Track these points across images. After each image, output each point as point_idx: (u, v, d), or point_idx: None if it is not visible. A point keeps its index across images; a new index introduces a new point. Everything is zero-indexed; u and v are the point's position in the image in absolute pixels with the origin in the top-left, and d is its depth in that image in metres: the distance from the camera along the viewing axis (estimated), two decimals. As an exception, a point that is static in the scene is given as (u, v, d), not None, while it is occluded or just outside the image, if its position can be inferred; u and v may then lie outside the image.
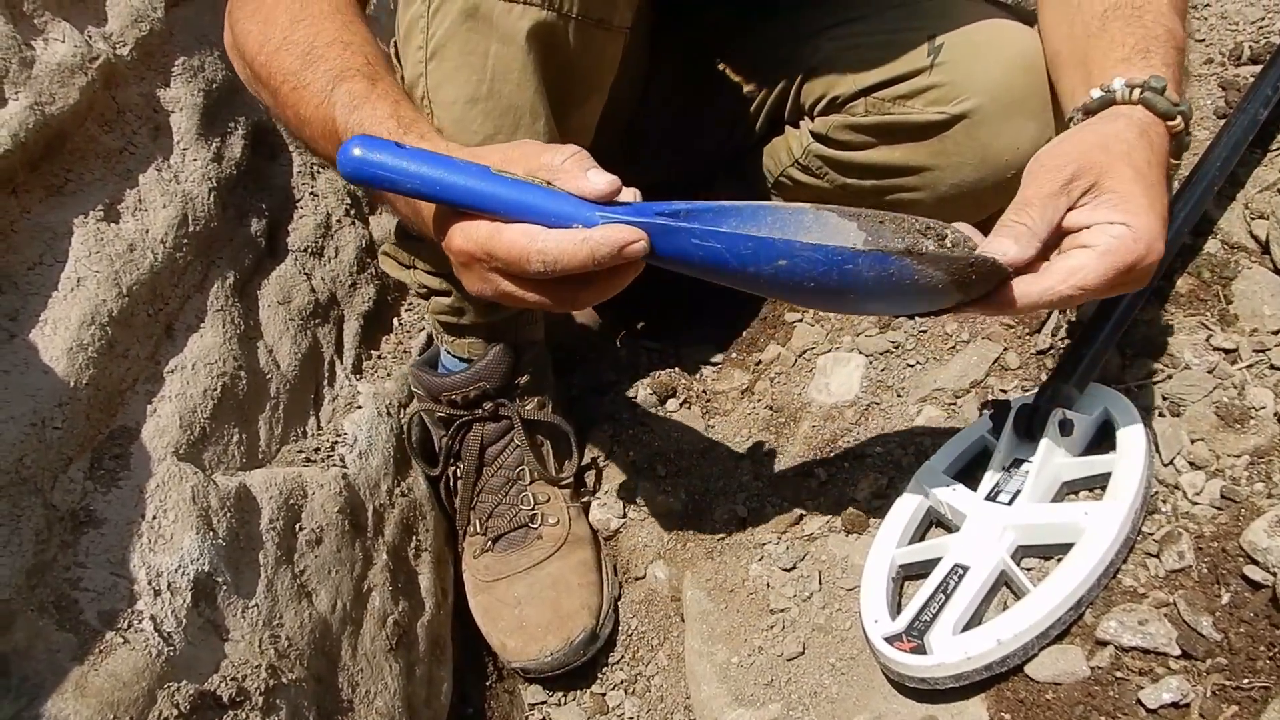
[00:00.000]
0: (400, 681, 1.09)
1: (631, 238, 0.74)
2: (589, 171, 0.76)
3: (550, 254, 0.74)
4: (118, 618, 0.79)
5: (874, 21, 1.28)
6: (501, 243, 0.75)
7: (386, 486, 1.20)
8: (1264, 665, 0.81)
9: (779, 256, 0.77)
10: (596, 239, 0.73)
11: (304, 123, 0.90)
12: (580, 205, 0.75)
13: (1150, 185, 0.84)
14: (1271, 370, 1.04)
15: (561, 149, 0.78)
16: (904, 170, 1.25)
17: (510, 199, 0.75)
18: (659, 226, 0.76)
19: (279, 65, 0.91)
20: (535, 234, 0.74)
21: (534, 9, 0.93)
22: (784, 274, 0.78)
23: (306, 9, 0.93)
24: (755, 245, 0.77)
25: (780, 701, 1.01)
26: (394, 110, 0.85)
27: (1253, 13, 1.58)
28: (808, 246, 0.77)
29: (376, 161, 0.75)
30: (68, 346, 0.88)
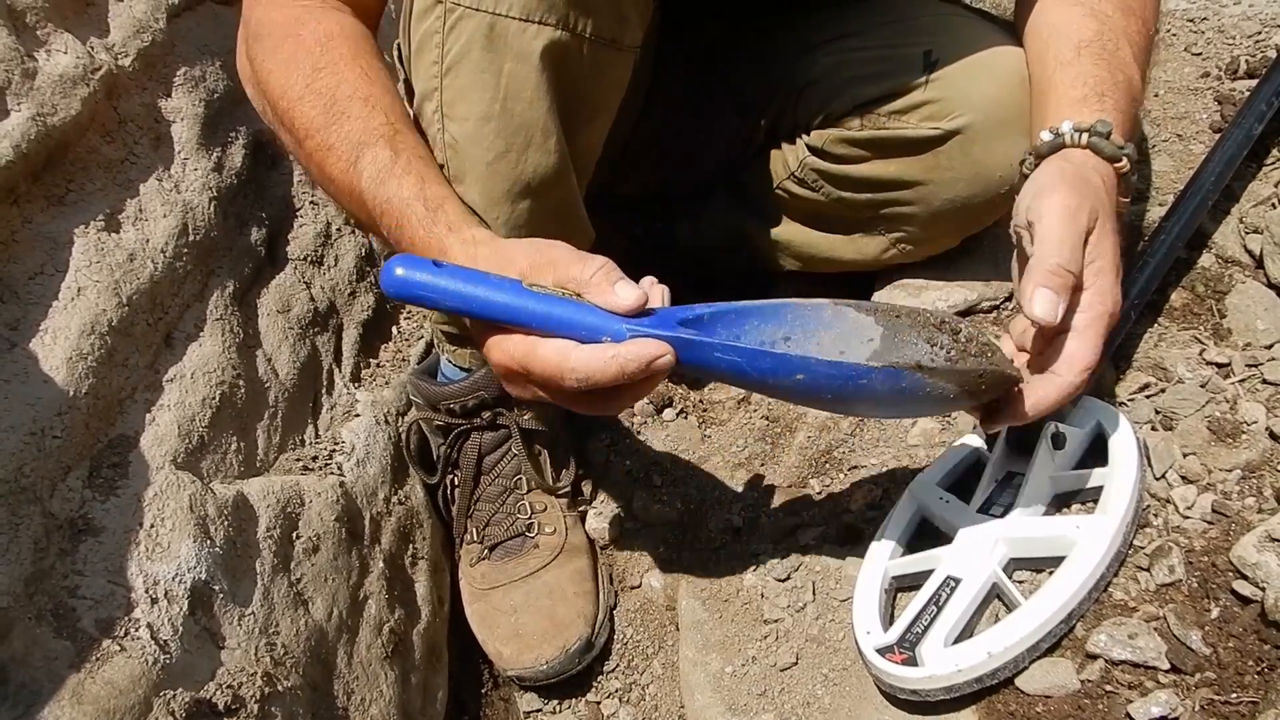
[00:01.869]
0: (396, 689, 1.09)
1: (658, 353, 0.79)
2: (616, 285, 0.80)
3: (582, 372, 0.79)
4: (115, 626, 0.80)
5: (870, 37, 1.29)
6: (537, 360, 0.80)
7: (384, 494, 1.21)
8: (1252, 680, 0.82)
9: (797, 371, 0.82)
10: (626, 356, 0.78)
11: (329, 180, 0.95)
12: (608, 318, 0.80)
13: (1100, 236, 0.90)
14: (1264, 385, 1.05)
15: (590, 262, 0.82)
16: (898, 184, 1.26)
17: (543, 315, 0.80)
18: (683, 340, 0.80)
19: (302, 116, 0.94)
20: (568, 352, 0.79)
21: (548, 29, 0.94)
22: (801, 386, 0.83)
23: (328, 54, 0.95)
24: (774, 361, 0.82)
25: (773, 711, 1.01)
26: (419, 189, 0.90)
27: (1249, 27, 1.59)
28: (824, 363, 0.81)
29: (418, 282, 0.81)
30: (67, 356, 0.89)
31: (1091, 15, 1.05)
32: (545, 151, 0.98)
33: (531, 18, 0.93)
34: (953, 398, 0.84)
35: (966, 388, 0.83)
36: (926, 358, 0.84)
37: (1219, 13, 1.65)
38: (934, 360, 0.83)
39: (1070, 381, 0.87)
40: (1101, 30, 1.03)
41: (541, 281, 0.82)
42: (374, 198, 0.91)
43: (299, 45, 0.96)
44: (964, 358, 0.84)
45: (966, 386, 0.83)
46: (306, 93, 0.94)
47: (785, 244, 1.44)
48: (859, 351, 0.86)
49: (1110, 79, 1.00)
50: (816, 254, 1.41)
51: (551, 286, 0.81)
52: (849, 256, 1.37)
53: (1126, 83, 1.01)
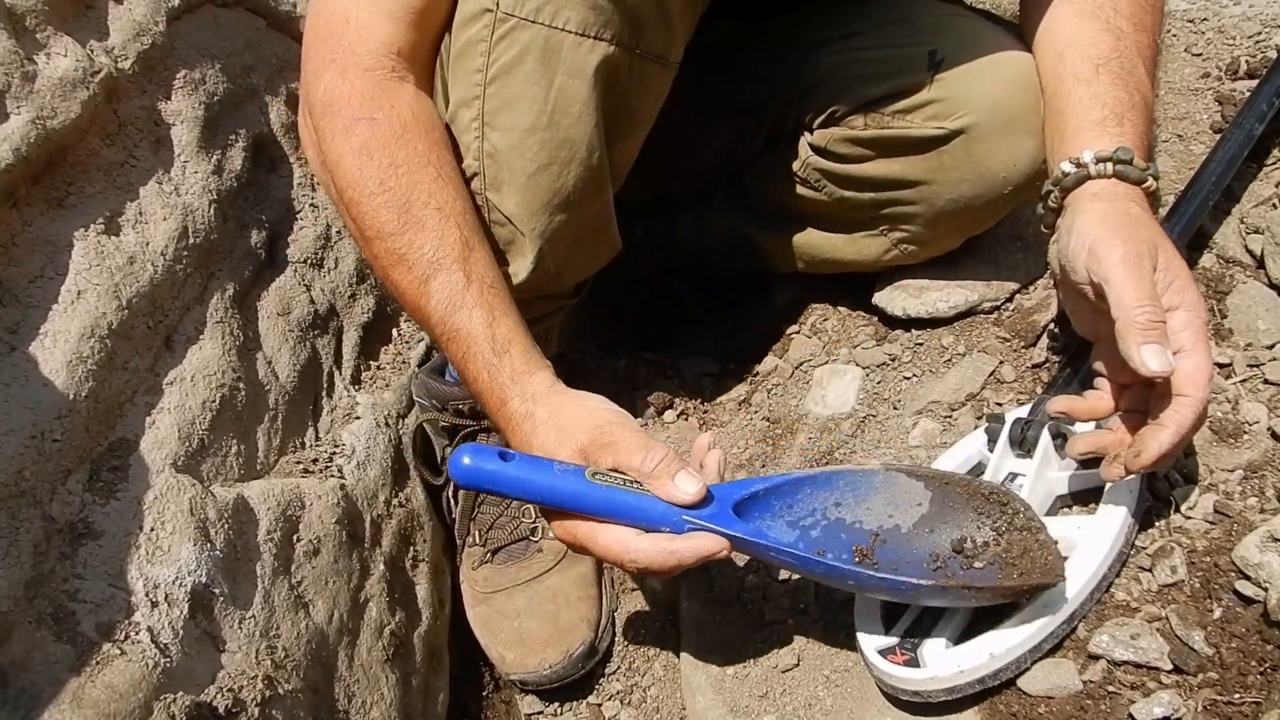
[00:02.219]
0: (397, 692, 1.09)
1: (715, 549, 0.86)
2: (677, 478, 0.86)
3: (642, 562, 0.86)
4: (115, 629, 0.80)
5: (874, 36, 1.29)
6: (599, 545, 0.88)
7: (384, 497, 1.21)
8: (1255, 680, 0.82)
9: (849, 579, 0.89)
10: (684, 551, 0.85)
11: (395, 288, 0.97)
12: (669, 510, 0.86)
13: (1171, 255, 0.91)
14: (1265, 385, 1.04)
15: (653, 452, 0.87)
16: (902, 184, 1.26)
17: (606, 505, 0.87)
18: (740, 541, 0.87)
19: (374, 217, 0.95)
20: (628, 544, 0.86)
21: (603, 44, 0.94)
22: (849, 588, 0.92)
23: (404, 148, 0.95)
24: (827, 569, 0.88)
25: (775, 713, 1.01)
26: (488, 327, 0.93)
27: (1249, 28, 1.59)
28: (876, 578, 0.87)
29: (486, 473, 0.88)
30: (68, 359, 0.89)
31: (1108, 30, 1.05)
32: (587, 166, 0.99)
33: (588, 33, 0.94)
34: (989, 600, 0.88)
35: (1009, 597, 0.88)
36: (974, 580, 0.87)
37: (1219, 13, 1.65)
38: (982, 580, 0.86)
39: (1200, 398, 0.86)
40: (1118, 47, 1.03)
41: (601, 464, 0.88)
42: (443, 323, 0.94)
43: (374, 133, 0.95)
44: (1009, 530, 0.89)
45: (1009, 596, 0.88)
46: (379, 190, 0.94)
47: (787, 245, 1.43)
48: (908, 517, 0.92)
49: (1129, 99, 1.00)
50: (818, 255, 1.41)
51: (611, 474, 0.87)
52: (850, 257, 1.37)
53: (1144, 103, 1.01)
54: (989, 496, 0.92)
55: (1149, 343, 0.85)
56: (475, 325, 0.93)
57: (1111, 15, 1.05)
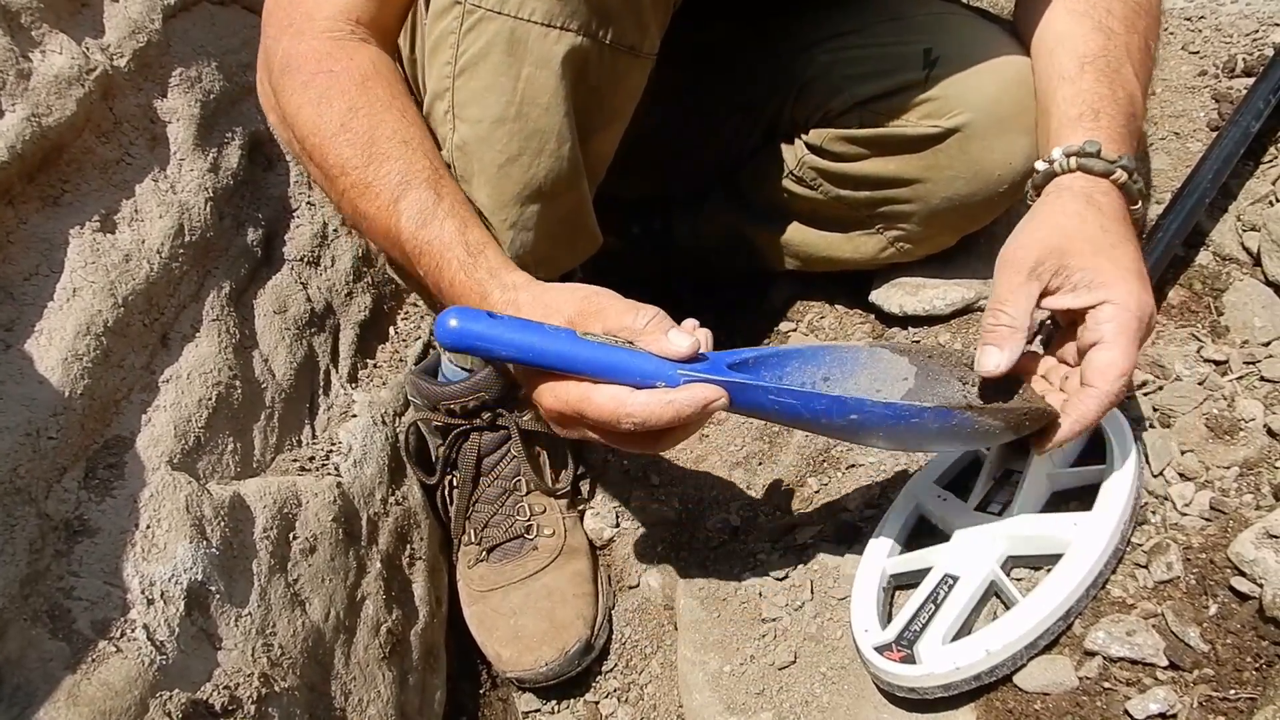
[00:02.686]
0: (393, 690, 1.09)
1: (713, 396, 0.82)
2: (670, 333, 0.83)
3: (639, 416, 0.81)
4: (111, 627, 0.80)
5: (869, 35, 1.29)
6: (592, 406, 0.82)
7: (381, 495, 1.21)
8: (1250, 676, 0.82)
9: (851, 412, 0.85)
10: (682, 400, 0.81)
11: (362, 217, 0.95)
12: (662, 364, 0.82)
13: (1111, 247, 0.91)
14: (1262, 382, 1.04)
15: (643, 311, 0.84)
16: (897, 182, 1.26)
17: (598, 363, 0.82)
18: (737, 385, 0.83)
19: (337, 155, 0.94)
20: (623, 399, 0.81)
21: (570, 34, 0.94)
22: (854, 426, 0.86)
23: (365, 94, 0.95)
24: (829, 403, 0.85)
25: (771, 710, 1.01)
26: (461, 233, 0.91)
27: (1247, 25, 1.59)
28: (878, 404, 0.85)
29: (473, 332, 0.83)
30: (63, 356, 0.89)
31: (1098, 30, 1.05)
32: (558, 158, 0.99)
33: (554, 23, 0.93)
34: (998, 433, 0.87)
35: (1011, 424, 0.87)
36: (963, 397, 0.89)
37: (1216, 11, 1.65)
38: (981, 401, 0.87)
39: (1107, 391, 0.87)
40: (1107, 46, 1.04)
41: (592, 330, 0.84)
42: (413, 238, 0.91)
43: (332, 82, 0.95)
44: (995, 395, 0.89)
45: (1011, 424, 0.87)
46: (341, 131, 0.94)
47: (783, 243, 1.43)
48: (895, 390, 0.91)
49: (1110, 95, 1.00)
50: (814, 253, 1.41)
51: (603, 335, 0.84)
52: (847, 255, 1.37)
53: (1127, 99, 1.01)
54: (971, 365, 0.92)
55: (985, 344, 0.89)
56: (447, 233, 0.91)
57: (1104, 16, 1.05)
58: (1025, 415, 0.87)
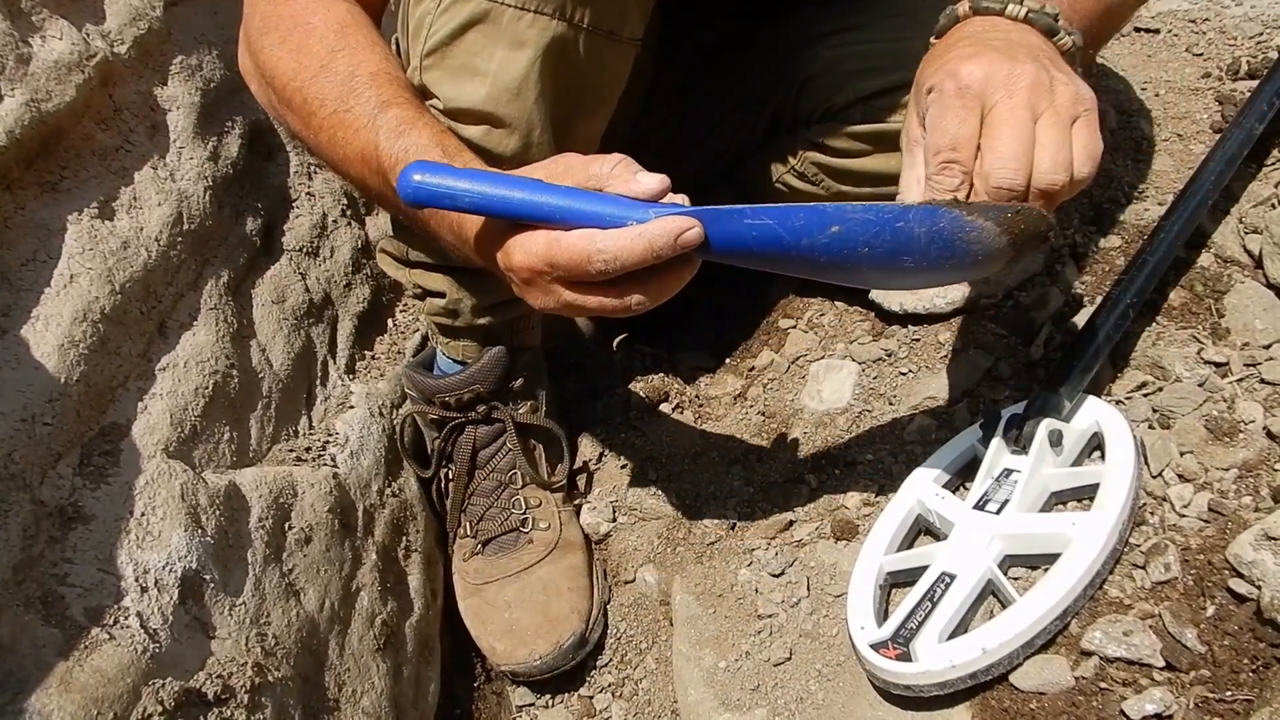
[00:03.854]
0: (387, 681, 1.09)
1: (686, 225, 0.76)
2: (638, 174, 0.78)
3: (609, 251, 0.76)
4: (104, 614, 0.80)
5: (872, 30, 1.29)
6: (562, 249, 0.77)
7: (377, 487, 1.20)
8: (1247, 678, 0.81)
9: (832, 223, 0.77)
10: (653, 231, 0.75)
11: (338, 144, 0.92)
12: (633, 205, 0.77)
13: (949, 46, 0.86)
14: (1262, 384, 1.04)
15: (607, 158, 0.80)
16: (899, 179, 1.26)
17: (568, 206, 0.78)
18: (711, 213, 0.78)
19: (316, 91, 0.92)
20: (593, 235, 0.76)
21: (544, 18, 0.93)
22: (838, 242, 0.78)
23: (345, 39, 0.94)
24: (808, 215, 0.77)
25: (766, 706, 1.01)
26: (439, 139, 0.88)
27: (1251, 28, 1.58)
28: (859, 208, 0.77)
29: (436, 183, 0.79)
30: (59, 343, 0.88)
31: None
32: (527, 144, 0.98)
33: (528, 6, 0.92)
34: (992, 240, 0.80)
35: (1005, 226, 0.79)
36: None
37: (1220, 14, 1.65)
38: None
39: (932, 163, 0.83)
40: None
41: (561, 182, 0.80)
42: (389, 148, 0.89)
43: (311, 33, 0.95)
44: None
45: (1005, 225, 0.79)
46: (322, 71, 0.93)
47: (784, 239, 1.43)
48: None
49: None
50: (815, 249, 1.41)
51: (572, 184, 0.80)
52: (847, 252, 1.37)
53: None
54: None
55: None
56: (425, 138, 0.88)
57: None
58: (1019, 215, 0.79)
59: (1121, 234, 1.29)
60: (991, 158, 0.80)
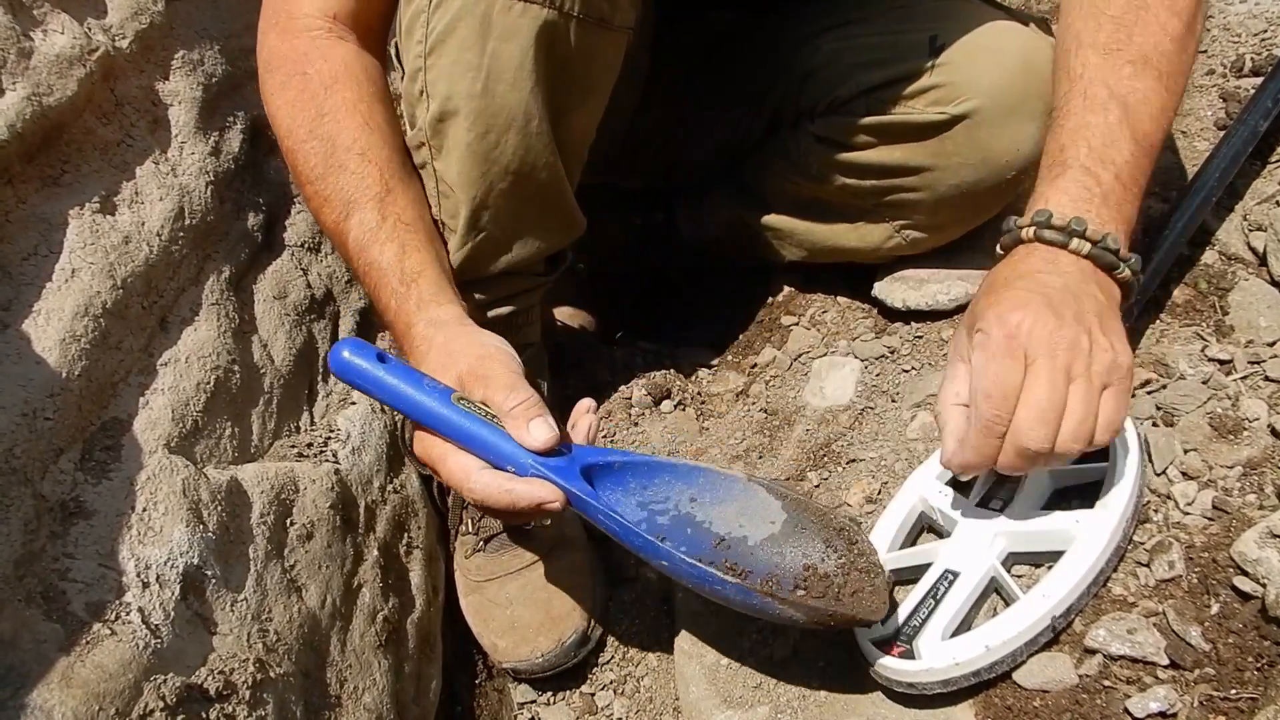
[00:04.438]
0: (389, 678, 1.08)
1: (549, 498, 0.85)
2: (532, 423, 0.86)
3: (478, 495, 0.86)
4: (105, 609, 0.79)
5: (875, 23, 1.29)
6: (445, 469, 0.89)
7: (379, 483, 1.20)
8: (1252, 676, 0.81)
9: (662, 559, 0.88)
10: (519, 493, 0.85)
11: (323, 227, 1.03)
12: (518, 450, 0.86)
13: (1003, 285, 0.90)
14: (1266, 382, 1.04)
15: (517, 393, 0.88)
16: (904, 170, 1.26)
17: (460, 432, 0.88)
18: (573, 494, 0.87)
19: (304, 162, 1.00)
20: (470, 474, 0.87)
21: (535, 7, 0.93)
22: (665, 570, 0.89)
23: (331, 99, 1.00)
24: (643, 544, 0.88)
25: (769, 704, 1.00)
26: (399, 260, 0.97)
27: (1255, 25, 1.58)
28: (685, 562, 0.86)
29: (360, 370, 0.90)
30: (61, 337, 0.88)
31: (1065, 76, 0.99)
32: (526, 134, 0.98)
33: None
34: (800, 623, 0.89)
35: (813, 620, 0.87)
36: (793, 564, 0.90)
37: (1225, 11, 1.64)
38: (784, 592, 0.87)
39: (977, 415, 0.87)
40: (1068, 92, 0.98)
41: (471, 395, 0.89)
42: (358, 257, 0.98)
43: (305, 86, 1.00)
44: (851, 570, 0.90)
45: (814, 619, 0.87)
46: (309, 138, 0.99)
47: (788, 233, 1.43)
48: (759, 532, 0.92)
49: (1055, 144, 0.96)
50: (820, 243, 1.41)
51: (478, 404, 0.88)
52: (852, 245, 1.37)
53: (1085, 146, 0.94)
54: (840, 532, 0.93)
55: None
56: (386, 258, 0.96)
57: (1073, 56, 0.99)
58: (830, 618, 0.87)
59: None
60: (1025, 415, 0.84)
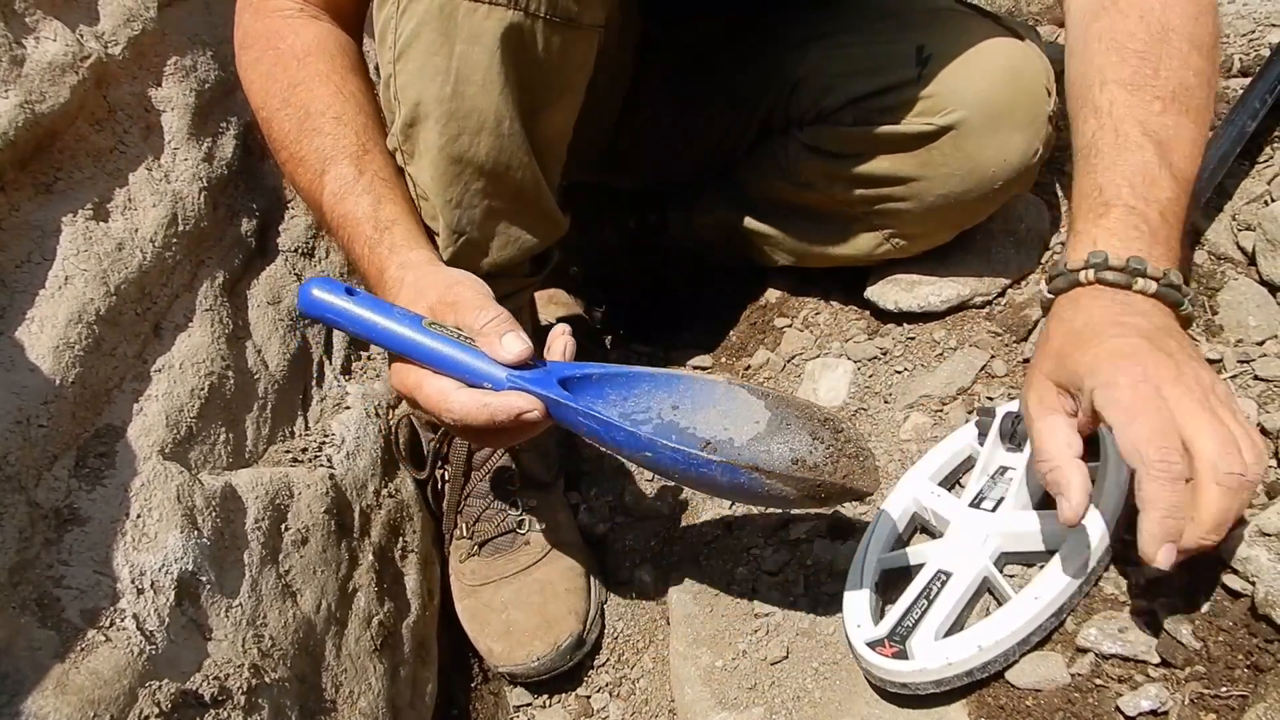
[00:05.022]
0: (384, 682, 1.09)
1: (527, 407, 0.84)
2: (504, 337, 0.85)
3: (457, 413, 0.85)
4: (100, 616, 0.79)
5: (863, 33, 1.29)
6: (422, 395, 0.87)
7: (374, 487, 1.20)
8: (1242, 674, 0.82)
9: (645, 449, 0.86)
10: (496, 406, 0.84)
11: (298, 189, 1.03)
12: (493, 366, 0.85)
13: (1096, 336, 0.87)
14: (1256, 381, 1.05)
15: (487, 311, 0.87)
16: (892, 180, 1.26)
17: (434, 354, 0.86)
18: (551, 400, 0.85)
19: (278, 127, 1.01)
20: (448, 393, 0.85)
21: (500, 9, 0.93)
22: (649, 462, 0.87)
23: (304, 70, 1.01)
24: (626, 436, 0.86)
25: (763, 705, 1.01)
26: (374, 209, 0.96)
27: (1243, 25, 1.59)
28: (669, 448, 0.85)
29: (329, 305, 0.89)
30: (54, 344, 0.88)
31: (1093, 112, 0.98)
32: (498, 135, 0.98)
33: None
34: (792, 499, 0.87)
35: (805, 493, 0.86)
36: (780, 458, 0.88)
37: (1213, 11, 1.65)
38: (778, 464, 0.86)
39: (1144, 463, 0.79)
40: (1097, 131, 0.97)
41: (444, 321, 0.87)
42: (332, 211, 0.97)
43: (277, 59, 1.01)
44: (838, 457, 0.88)
45: (805, 492, 0.86)
46: (283, 106, 1.00)
47: (778, 239, 1.43)
48: (744, 432, 0.90)
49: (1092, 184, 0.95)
50: (809, 249, 1.41)
51: (450, 328, 0.87)
52: (841, 252, 1.37)
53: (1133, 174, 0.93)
54: (824, 423, 0.91)
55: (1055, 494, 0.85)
56: (361, 208, 0.96)
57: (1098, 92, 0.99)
58: (820, 488, 0.86)
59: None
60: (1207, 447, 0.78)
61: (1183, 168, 0.95)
